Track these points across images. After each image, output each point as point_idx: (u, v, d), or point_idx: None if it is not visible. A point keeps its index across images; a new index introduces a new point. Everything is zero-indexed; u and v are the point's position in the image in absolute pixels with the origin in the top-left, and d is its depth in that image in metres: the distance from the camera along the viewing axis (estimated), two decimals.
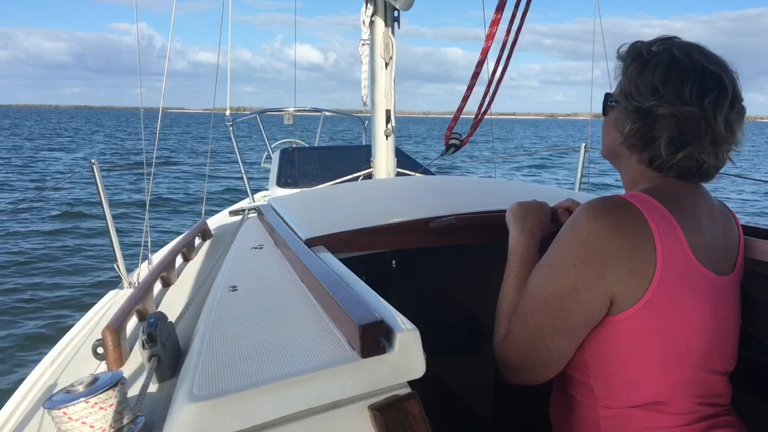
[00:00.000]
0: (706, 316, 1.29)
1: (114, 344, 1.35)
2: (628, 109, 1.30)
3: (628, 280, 1.21)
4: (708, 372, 1.31)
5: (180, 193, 16.49)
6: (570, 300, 1.22)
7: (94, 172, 3.37)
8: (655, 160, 1.30)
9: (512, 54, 3.15)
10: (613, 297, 1.22)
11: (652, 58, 1.29)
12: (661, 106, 1.25)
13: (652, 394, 1.27)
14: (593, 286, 1.21)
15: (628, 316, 1.22)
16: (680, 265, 1.24)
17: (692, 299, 1.26)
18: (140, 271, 3.33)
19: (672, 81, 1.24)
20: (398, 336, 0.95)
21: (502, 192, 2.65)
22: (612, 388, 1.28)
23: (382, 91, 3.72)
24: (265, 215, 2.24)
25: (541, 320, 1.25)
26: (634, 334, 1.23)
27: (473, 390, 2.33)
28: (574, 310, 1.22)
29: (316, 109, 7.21)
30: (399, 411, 0.92)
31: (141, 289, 1.71)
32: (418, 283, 2.46)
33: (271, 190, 5.11)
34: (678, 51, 1.28)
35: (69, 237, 10.97)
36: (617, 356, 1.26)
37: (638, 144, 1.31)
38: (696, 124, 1.23)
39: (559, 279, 1.24)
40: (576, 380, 1.33)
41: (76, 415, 0.94)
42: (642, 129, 1.28)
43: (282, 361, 0.96)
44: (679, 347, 1.26)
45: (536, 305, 1.26)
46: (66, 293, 7.82)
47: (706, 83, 1.24)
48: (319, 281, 1.25)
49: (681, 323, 1.25)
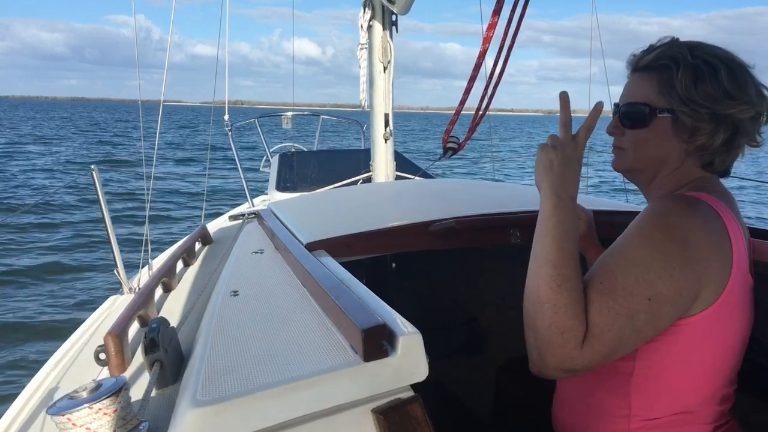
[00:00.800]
0: (749, 321, 1.26)
1: (116, 350, 1.35)
2: (698, 117, 1.23)
3: (711, 282, 1.15)
4: (730, 381, 1.29)
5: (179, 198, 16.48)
6: (671, 304, 1.12)
7: (94, 177, 3.37)
8: (714, 162, 1.26)
9: (510, 56, 3.15)
10: (696, 299, 1.15)
11: (703, 63, 1.23)
12: (743, 110, 1.21)
13: (690, 404, 1.23)
14: (693, 287, 1.14)
15: (699, 320, 1.16)
16: (744, 270, 1.21)
17: (747, 306, 1.23)
18: (140, 276, 3.33)
19: (746, 83, 1.22)
20: (401, 339, 0.95)
21: (502, 195, 2.65)
22: (653, 396, 1.22)
23: (381, 95, 3.73)
24: (266, 220, 2.25)
25: (640, 324, 1.11)
26: (698, 337, 1.18)
27: (473, 392, 2.33)
28: (671, 314, 1.14)
29: (314, 112, 7.22)
30: (402, 414, 0.92)
31: (142, 294, 1.71)
32: (417, 286, 2.47)
33: (270, 195, 5.11)
34: (721, 55, 1.24)
35: (68, 242, 10.96)
36: (673, 361, 1.19)
37: (692, 151, 1.26)
38: (754, 122, 1.23)
39: (664, 279, 1.11)
40: (610, 389, 1.25)
41: (80, 421, 0.95)
42: (724, 135, 1.23)
43: (285, 365, 0.97)
44: (728, 356, 1.23)
45: (639, 306, 1.11)
46: (65, 299, 7.81)
47: (755, 81, 1.24)
48: (320, 285, 1.26)
49: (734, 333, 1.22)
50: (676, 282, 1.11)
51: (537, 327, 1.13)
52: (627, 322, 1.11)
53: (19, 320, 6.97)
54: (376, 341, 0.95)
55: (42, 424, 1.54)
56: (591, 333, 1.11)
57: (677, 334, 1.17)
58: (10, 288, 8.09)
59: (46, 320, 6.98)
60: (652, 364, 1.20)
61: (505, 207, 2.01)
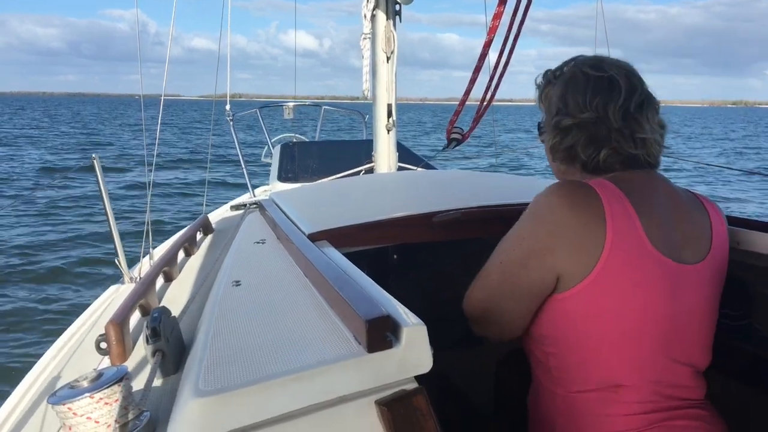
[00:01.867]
0: (661, 301, 1.31)
1: (117, 339, 1.34)
2: (548, 128, 1.47)
3: (576, 257, 1.27)
4: (668, 360, 1.33)
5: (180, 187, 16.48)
6: (520, 267, 1.32)
7: (95, 166, 3.36)
8: (586, 165, 1.41)
9: (515, 46, 3.13)
10: (560, 273, 1.28)
11: (556, 80, 1.47)
12: (564, 119, 1.41)
13: (605, 376, 1.30)
14: (542, 258, 1.29)
15: (574, 294, 1.28)
16: (631, 247, 1.28)
17: (643, 282, 1.29)
18: (141, 266, 3.32)
19: (569, 95, 1.41)
20: (405, 331, 0.95)
21: (505, 185, 2.64)
22: (567, 368, 1.33)
23: (384, 85, 3.71)
24: (267, 210, 2.23)
25: (494, 283, 1.38)
26: (582, 312, 1.28)
27: (473, 384, 2.33)
28: (523, 277, 1.32)
29: (315, 103, 7.20)
30: (406, 406, 0.91)
31: (144, 283, 1.70)
32: (419, 277, 2.46)
33: (272, 185, 5.09)
34: (571, 68, 1.45)
35: (67, 231, 10.96)
36: (569, 335, 1.31)
37: (566, 156, 1.44)
38: (595, 125, 1.38)
39: (515, 247, 1.34)
40: (539, 362, 1.41)
41: (81, 410, 0.94)
42: (560, 142, 1.43)
43: (288, 356, 0.96)
44: (629, 328, 1.29)
45: (493, 268, 1.39)
46: (66, 288, 7.82)
47: (596, 89, 1.38)
48: (323, 276, 1.24)
49: (630, 304, 1.28)
50: (525, 248, 1.31)
51: None
52: (486, 280, 1.40)
53: (18, 309, 6.98)
54: (381, 332, 0.94)
55: (43, 414, 1.54)
56: (471, 288, 1.45)
57: (560, 307, 1.31)
58: (9, 277, 8.10)
59: (47, 309, 7.00)
60: (557, 335, 1.34)
61: (509, 198, 2.00)
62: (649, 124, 1.40)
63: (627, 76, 1.40)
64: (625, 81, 1.39)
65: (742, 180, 18.94)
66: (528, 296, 1.33)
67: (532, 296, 1.33)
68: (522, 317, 1.37)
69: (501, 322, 1.40)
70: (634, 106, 1.38)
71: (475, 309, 1.44)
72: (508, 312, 1.37)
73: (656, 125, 1.42)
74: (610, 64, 1.43)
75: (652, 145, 1.40)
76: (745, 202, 15.85)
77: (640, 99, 1.39)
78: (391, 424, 0.89)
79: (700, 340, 1.37)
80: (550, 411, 1.39)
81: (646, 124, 1.39)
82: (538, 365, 1.42)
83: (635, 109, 1.38)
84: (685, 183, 15.97)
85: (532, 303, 1.34)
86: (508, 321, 1.39)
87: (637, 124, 1.38)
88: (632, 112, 1.38)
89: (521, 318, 1.37)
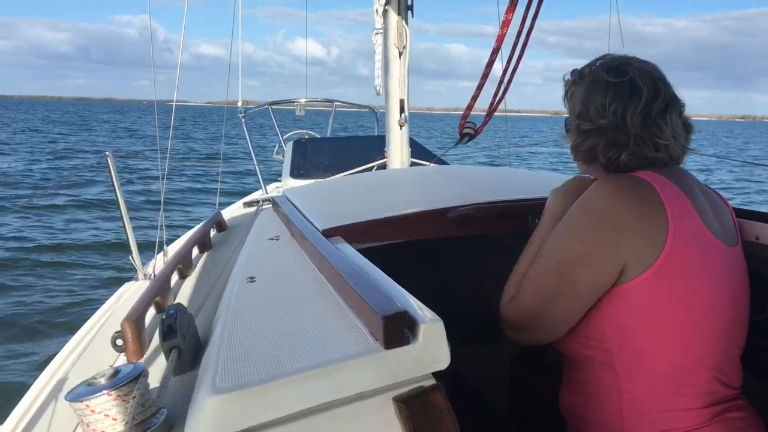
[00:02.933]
0: (725, 283, 1.31)
1: (134, 336, 1.34)
2: (571, 127, 1.49)
3: (641, 245, 1.24)
4: (729, 346, 1.33)
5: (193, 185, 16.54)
6: (580, 265, 1.27)
7: (109, 163, 3.37)
8: (607, 167, 1.42)
9: (525, 50, 3.13)
10: (625, 264, 1.25)
11: (581, 80, 1.47)
12: (584, 123, 1.42)
13: (674, 364, 1.28)
14: (605, 251, 1.25)
15: (640, 282, 1.25)
16: (691, 231, 1.28)
17: (706, 266, 1.29)
18: (155, 263, 3.33)
19: (589, 99, 1.42)
20: (422, 327, 0.94)
21: (519, 181, 2.63)
22: (632, 361, 1.29)
23: (396, 81, 3.70)
24: (281, 206, 2.23)
25: (550, 284, 1.31)
26: (652, 299, 1.26)
27: (488, 380, 2.32)
28: (583, 276, 1.27)
29: (327, 101, 7.19)
30: (424, 403, 0.90)
31: (159, 280, 1.70)
32: (432, 273, 2.45)
33: (284, 182, 5.09)
34: (595, 70, 1.44)
35: (81, 229, 11.03)
36: (633, 326, 1.28)
37: (587, 157, 1.46)
38: (613, 131, 1.38)
39: (572, 244, 1.29)
40: (596, 362, 1.34)
41: (99, 407, 0.94)
42: (581, 144, 1.45)
43: (304, 352, 0.95)
44: (700, 313, 1.28)
45: (547, 269, 1.32)
46: (80, 285, 7.87)
47: (616, 95, 1.38)
48: (338, 272, 1.24)
49: (699, 288, 1.27)
50: (585, 244, 1.27)
51: None
52: (539, 282, 1.33)
53: (33, 307, 7.03)
54: (398, 328, 0.93)
55: (60, 410, 1.54)
56: (517, 294, 1.38)
57: (624, 299, 1.27)
58: (23, 275, 8.16)
59: (60, 307, 7.04)
60: (620, 329, 1.29)
61: (523, 193, 1.99)
62: (671, 128, 1.38)
63: (651, 79, 1.39)
64: (648, 85, 1.38)
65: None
66: (589, 294, 1.29)
67: (592, 294, 1.29)
68: (575, 318, 1.32)
69: (551, 325, 1.34)
70: (656, 111, 1.37)
71: (522, 315, 1.37)
72: (562, 314, 1.32)
73: (680, 128, 1.41)
74: (634, 66, 1.41)
75: (673, 148, 1.40)
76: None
77: (663, 104, 1.38)
78: (409, 421, 0.88)
79: (747, 323, 1.39)
80: (614, 414, 1.32)
81: (667, 128, 1.38)
82: (594, 366, 1.35)
83: (657, 114, 1.37)
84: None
85: (590, 301, 1.30)
86: (560, 324, 1.34)
87: (658, 128, 1.37)
88: (653, 117, 1.37)
89: (573, 319, 1.32)
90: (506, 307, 1.41)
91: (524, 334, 1.40)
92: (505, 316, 1.41)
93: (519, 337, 1.42)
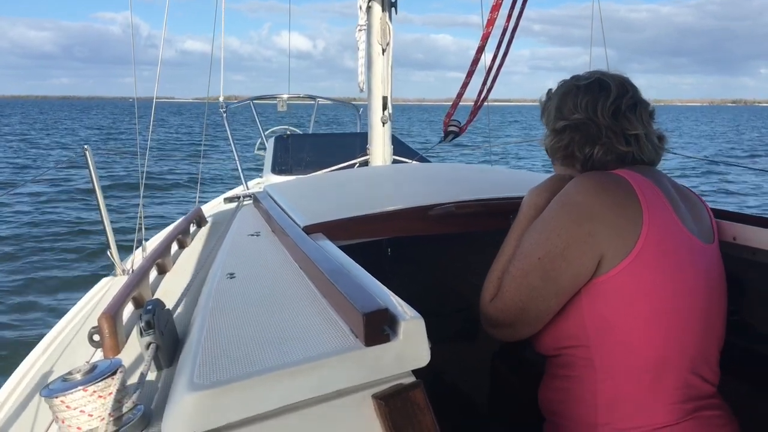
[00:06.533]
0: (700, 279, 1.34)
1: (111, 331, 1.32)
2: (549, 131, 1.54)
3: (616, 237, 1.28)
4: (706, 338, 1.36)
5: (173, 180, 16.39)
6: (561, 259, 1.30)
7: (87, 158, 3.33)
8: (584, 164, 1.47)
9: (512, 41, 3.13)
10: (602, 255, 1.29)
11: (555, 94, 1.55)
12: (558, 122, 1.49)
13: (652, 356, 1.30)
14: (583, 244, 1.29)
15: (616, 274, 1.28)
16: (666, 225, 1.31)
17: (681, 260, 1.32)
18: (134, 258, 3.29)
19: (563, 103, 1.49)
20: (402, 324, 0.94)
21: (500, 180, 2.63)
22: (612, 354, 1.31)
23: (379, 78, 3.68)
24: (262, 202, 2.22)
25: (533, 281, 1.34)
26: (624, 292, 1.29)
27: (468, 378, 2.33)
28: (565, 270, 1.30)
29: (309, 96, 7.16)
30: (404, 400, 0.90)
31: (137, 275, 1.68)
32: (413, 271, 2.45)
33: (265, 178, 5.06)
34: (566, 82, 1.54)
35: (59, 223, 10.89)
36: (612, 319, 1.30)
37: (564, 156, 1.50)
38: (586, 125, 1.44)
39: (552, 239, 1.32)
40: (576, 358, 1.36)
41: (75, 403, 0.92)
42: (556, 143, 1.50)
43: (284, 349, 0.95)
44: (678, 304, 1.31)
45: (530, 266, 1.34)
46: (57, 280, 7.77)
47: (586, 92, 1.46)
48: (319, 269, 1.23)
49: (671, 282, 1.30)
50: (563, 238, 1.30)
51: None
52: (523, 280, 1.35)
53: (8, 302, 6.93)
54: (378, 326, 0.93)
55: (35, 407, 1.52)
56: (498, 292, 1.40)
57: (602, 290, 1.30)
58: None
59: (37, 302, 6.95)
60: (600, 322, 1.31)
61: (505, 191, 1.99)
62: (641, 123, 1.44)
63: (620, 80, 1.48)
64: (617, 84, 1.46)
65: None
66: (570, 288, 1.32)
67: (573, 287, 1.32)
68: (553, 312, 1.35)
69: (535, 321, 1.37)
70: (626, 105, 1.44)
71: (505, 313, 1.39)
72: (545, 309, 1.35)
73: (651, 127, 1.47)
74: (602, 72, 1.51)
75: (644, 144, 1.44)
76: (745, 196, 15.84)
77: (632, 101, 1.45)
78: (388, 419, 0.88)
79: (724, 321, 1.42)
80: (589, 408, 1.34)
81: (638, 122, 1.44)
82: (573, 362, 1.37)
83: (627, 109, 1.44)
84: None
85: (569, 294, 1.33)
86: (542, 318, 1.37)
87: (628, 121, 1.43)
88: (623, 111, 1.43)
89: (554, 311, 1.35)
90: (488, 306, 1.43)
91: (507, 331, 1.42)
92: (487, 314, 1.43)
93: (501, 334, 1.44)
